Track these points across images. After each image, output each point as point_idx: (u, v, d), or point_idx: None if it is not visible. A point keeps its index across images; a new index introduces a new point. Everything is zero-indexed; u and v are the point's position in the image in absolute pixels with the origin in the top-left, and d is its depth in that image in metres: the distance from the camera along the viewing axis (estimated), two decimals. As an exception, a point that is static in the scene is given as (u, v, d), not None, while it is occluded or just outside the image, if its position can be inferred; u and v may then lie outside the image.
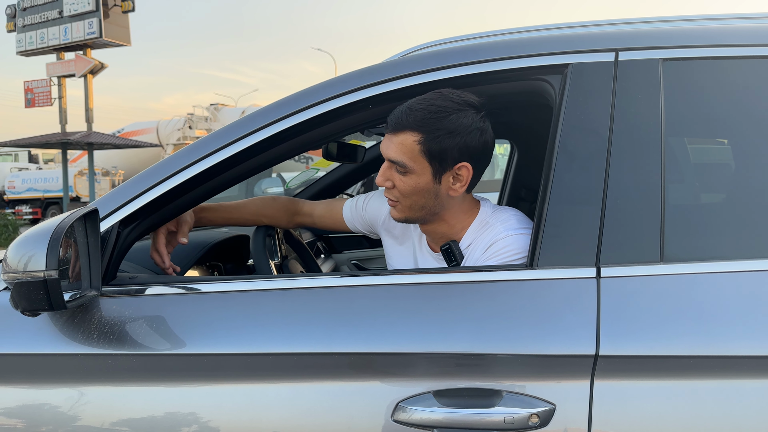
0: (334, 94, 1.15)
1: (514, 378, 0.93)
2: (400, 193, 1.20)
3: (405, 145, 1.16)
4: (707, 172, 1.13)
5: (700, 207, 1.13)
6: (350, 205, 1.53)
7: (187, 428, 0.99)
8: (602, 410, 0.90)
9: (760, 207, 1.02)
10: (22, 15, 16.09)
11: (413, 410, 0.93)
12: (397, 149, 1.17)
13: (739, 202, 1.07)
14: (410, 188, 1.18)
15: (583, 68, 1.08)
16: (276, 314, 1.04)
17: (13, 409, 1.06)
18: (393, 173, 1.20)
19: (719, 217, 1.08)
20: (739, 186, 1.11)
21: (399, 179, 1.19)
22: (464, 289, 1.02)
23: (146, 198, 1.14)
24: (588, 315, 0.93)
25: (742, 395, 0.88)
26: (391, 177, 1.20)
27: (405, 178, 1.18)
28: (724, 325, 0.91)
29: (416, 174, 1.17)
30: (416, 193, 1.19)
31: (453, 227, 1.25)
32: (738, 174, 1.13)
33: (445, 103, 1.13)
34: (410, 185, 1.18)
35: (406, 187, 1.19)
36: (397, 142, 1.16)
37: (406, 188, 1.19)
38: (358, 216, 1.51)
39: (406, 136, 1.15)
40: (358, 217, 1.51)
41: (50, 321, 1.09)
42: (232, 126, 1.18)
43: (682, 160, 1.08)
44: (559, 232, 1.01)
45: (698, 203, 1.12)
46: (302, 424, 0.97)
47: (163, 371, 1.03)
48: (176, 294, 1.10)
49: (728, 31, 1.09)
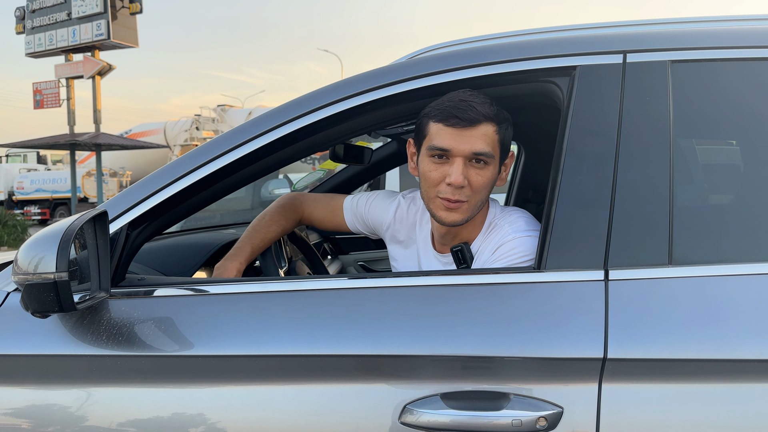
0: (342, 96, 1.15)
1: (521, 381, 0.93)
2: (474, 191, 1.17)
3: (488, 136, 1.16)
4: (716, 173, 1.12)
5: (709, 209, 1.12)
6: (350, 207, 1.49)
7: (195, 429, 1.00)
8: (610, 414, 0.90)
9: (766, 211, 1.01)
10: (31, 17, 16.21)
11: (420, 412, 0.93)
12: (482, 141, 1.15)
13: (749, 204, 1.06)
14: (487, 181, 1.18)
15: (591, 70, 1.08)
16: (283, 316, 1.04)
17: (23, 410, 1.06)
18: (469, 170, 1.16)
19: (728, 220, 1.07)
20: (748, 188, 1.10)
21: (477, 174, 1.16)
22: (472, 291, 1.02)
23: (155, 200, 1.15)
24: (596, 318, 0.93)
25: (752, 399, 0.88)
26: (468, 175, 1.16)
27: (483, 171, 1.17)
28: (733, 328, 0.90)
29: (492, 165, 1.18)
30: (486, 187, 1.19)
31: (475, 227, 1.26)
32: (747, 176, 1.12)
33: (487, 98, 1.16)
34: (487, 177, 1.18)
35: (484, 181, 1.17)
36: (479, 135, 1.15)
37: (483, 182, 1.17)
38: (360, 218, 1.49)
39: (486, 127, 1.15)
40: (359, 219, 1.49)
41: (60, 322, 1.09)
42: (240, 129, 1.18)
43: (691, 162, 1.07)
44: (567, 234, 1.00)
45: (707, 205, 1.12)
46: (309, 426, 0.97)
47: (172, 372, 1.03)
48: (185, 296, 1.10)
49: (737, 33, 1.09)
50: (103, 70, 15.46)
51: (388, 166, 2.45)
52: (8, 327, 1.11)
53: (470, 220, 1.22)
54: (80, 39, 15.24)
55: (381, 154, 2.34)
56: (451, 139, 1.15)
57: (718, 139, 1.16)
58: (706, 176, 1.10)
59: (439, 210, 1.19)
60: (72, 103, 16.21)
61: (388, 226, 1.43)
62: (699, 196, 1.10)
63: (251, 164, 1.18)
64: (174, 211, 1.20)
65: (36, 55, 16.24)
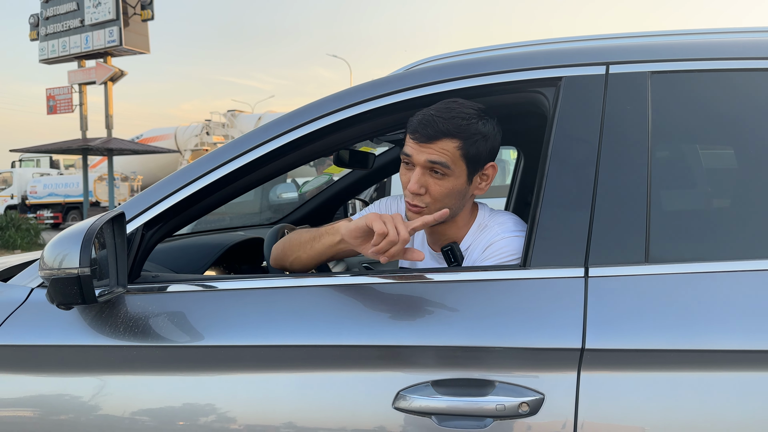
0: (344, 105, 1.23)
1: (506, 369, 1.00)
2: (433, 198, 1.25)
3: (447, 150, 1.22)
4: (691, 178, 1.19)
5: (684, 211, 1.19)
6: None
7: (204, 413, 1.08)
8: (588, 400, 0.96)
9: (737, 213, 1.08)
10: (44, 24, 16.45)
11: (413, 398, 1.00)
12: (438, 154, 1.22)
13: (720, 207, 1.13)
14: (446, 191, 1.25)
15: (575, 81, 1.15)
16: (286, 310, 1.12)
17: (46, 396, 1.15)
18: (427, 179, 1.24)
19: (701, 221, 1.14)
20: (720, 192, 1.17)
21: (435, 183, 1.24)
22: (462, 287, 1.09)
23: (168, 203, 1.23)
24: (575, 312, 1.00)
25: (719, 386, 0.94)
26: (426, 183, 1.24)
27: (442, 181, 1.24)
28: (703, 321, 0.97)
29: (454, 177, 1.24)
30: (449, 196, 1.26)
31: (460, 228, 1.33)
32: (720, 180, 1.19)
33: (470, 110, 1.22)
34: (447, 188, 1.24)
35: (442, 190, 1.24)
36: (437, 149, 1.22)
37: (442, 191, 1.24)
38: None
39: (445, 143, 1.21)
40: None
41: (80, 316, 1.18)
42: (249, 135, 1.26)
43: (668, 167, 1.14)
44: (550, 234, 1.07)
45: (682, 208, 1.18)
46: (310, 411, 1.04)
47: (183, 361, 1.11)
48: (195, 291, 1.19)
49: (712, 46, 1.16)
50: (115, 76, 15.66)
51: (391, 170, 2.53)
52: (33, 320, 1.19)
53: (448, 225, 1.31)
54: (93, 45, 15.45)
55: (384, 159, 2.42)
56: (412, 149, 1.24)
57: (693, 144, 1.22)
58: (682, 181, 1.17)
59: (407, 211, 1.30)
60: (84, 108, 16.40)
61: None
62: (674, 200, 1.16)
63: (259, 168, 1.27)
64: (186, 213, 1.29)
65: (49, 61, 16.47)
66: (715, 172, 1.20)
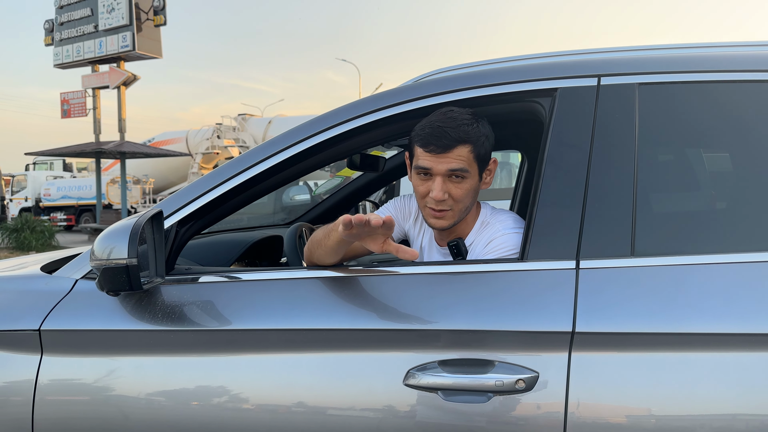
0: (358, 113, 1.36)
1: (504, 350, 1.12)
2: (455, 200, 1.38)
3: (462, 156, 1.35)
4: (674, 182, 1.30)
5: (666, 210, 1.30)
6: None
7: (234, 389, 1.20)
8: (578, 377, 1.08)
9: (713, 212, 1.20)
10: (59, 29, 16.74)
11: (421, 376, 1.12)
12: (457, 161, 1.35)
13: (700, 207, 1.25)
14: (465, 192, 1.38)
15: (569, 92, 1.27)
16: (308, 298, 1.24)
17: (92, 376, 1.27)
18: (448, 185, 1.37)
19: (682, 219, 1.26)
20: (699, 194, 1.28)
21: (456, 187, 1.37)
22: (466, 278, 1.21)
23: (200, 202, 1.36)
24: (567, 299, 1.12)
25: (694, 365, 1.06)
26: (447, 189, 1.37)
27: (462, 184, 1.37)
28: (681, 307, 1.09)
29: (471, 177, 1.38)
30: (468, 195, 1.39)
31: (468, 225, 1.46)
32: (700, 182, 1.30)
33: (468, 116, 1.35)
34: (466, 189, 1.38)
35: (463, 192, 1.38)
36: (455, 156, 1.34)
37: (463, 193, 1.38)
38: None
39: (459, 149, 1.34)
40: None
41: (120, 305, 1.31)
42: (272, 142, 1.39)
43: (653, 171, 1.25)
44: (545, 231, 1.19)
45: (664, 207, 1.30)
46: (330, 387, 1.17)
47: (215, 344, 1.24)
48: (224, 282, 1.31)
49: (695, 59, 1.27)
50: (128, 81, 15.91)
51: (401, 173, 2.65)
52: (78, 307, 1.33)
53: (459, 222, 1.42)
54: (107, 50, 15.72)
55: (394, 163, 2.54)
56: (430, 162, 1.36)
57: (677, 150, 1.34)
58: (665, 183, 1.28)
59: (429, 217, 1.42)
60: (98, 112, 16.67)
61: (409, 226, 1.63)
62: (658, 201, 1.28)
63: (282, 171, 1.39)
64: (215, 212, 1.42)
65: (64, 66, 16.77)
66: (696, 176, 1.32)
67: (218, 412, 1.20)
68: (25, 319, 1.32)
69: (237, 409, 1.19)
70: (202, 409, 1.20)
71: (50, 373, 1.29)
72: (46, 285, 1.38)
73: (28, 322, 1.31)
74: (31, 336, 1.30)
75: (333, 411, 1.16)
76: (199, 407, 1.21)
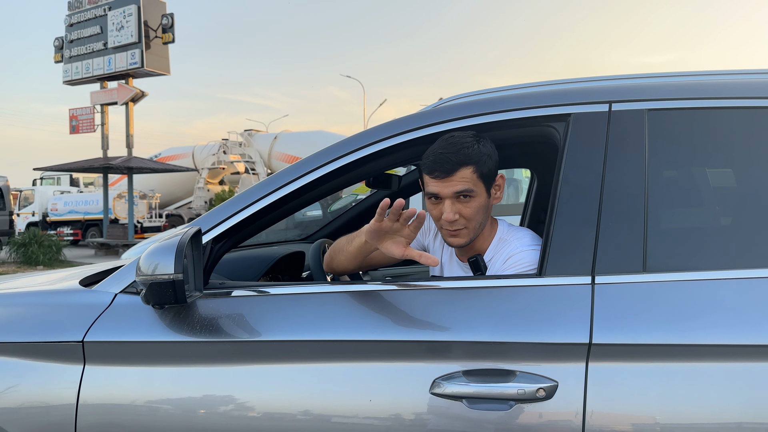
0: (387, 135, 1.44)
1: (525, 361, 1.19)
2: (467, 219, 1.46)
3: (466, 177, 1.44)
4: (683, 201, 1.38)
5: (676, 228, 1.38)
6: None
7: (266, 396, 1.27)
8: (595, 386, 1.15)
9: (721, 230, 1.27)
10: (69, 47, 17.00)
11: (447, 385, 1.19)
12: (461, 183, 1.43)
13: (707, 226, 1.32)
14: (475, 210, 1.47)
15: (582, 117, 1.35)
16: (337, 311, 1.31)
17: (132, 385, 1.34)
18: (458, 206, 1.46)
19: (691, 237, 1.33)
20: (707, 212, 1.36)
21: (465, 207, 1.46)
22: (488, 292, 1.28)
23: (233, 221, 1.44)
24: (584, 313, 1.19)
25: (704, 375, 1.12)
26: (458, 210, 1.45)
27: (470, 203, 1.46)
28: (691, 320, 1.16)
29: (478, 195, 1.46)
30: (479, 213, 1.48)
31: (485, 240, 1.54)
32: (707, 202, 1.38)
33: (468, 138, 1.43)
34: (475, 207, 1.46)
35: (473, 210, 1.46)
36: (458, 179, 1.43)
37: (473, 211, 1.46)
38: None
39: (462, 172, 1.43)
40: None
41: (158, 318, 1.38)
42: (300, 163, 1.47)
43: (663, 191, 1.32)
44: (562, 248, 1.27)
45: (675, 226, 1.37)
46: (359, 394, 1.24)
47: (250, 354, 1.31)
48: (255, 296, 1.39)
49: (702, 86, 1.35)
50: (136, 97, 16.12)
51: (412, 191, 2.73)
52: (118, 320, 1.40)
53: (476, 238, 1.51)
54: (115, 67, 15.96)
55: (407, 180, 2.62)
56: (437, 187, 1.46)
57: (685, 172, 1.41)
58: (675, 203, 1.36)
59: (446, 237, 1.52)
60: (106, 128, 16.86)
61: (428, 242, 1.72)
62: (668, 219, 1.35)
63: (310, 192, 1.48)
64: (246, 230, 1.50)
65: (73, 82, 17.01)
66: (704, 195, 1.39)
67: (251, 419, 1.26)
68: (69, 331, 1.39)
69: (270, 417, 1.26)
70: (237, 417, 1.27)
71: (93, 382, 1.36)
72: (87, 299, 1.46)
73: (72, 334, 1.39)
74: (74, 347, 1.38)
75: (363, 418, 1.23)
76: (233, 414, 1.28)
